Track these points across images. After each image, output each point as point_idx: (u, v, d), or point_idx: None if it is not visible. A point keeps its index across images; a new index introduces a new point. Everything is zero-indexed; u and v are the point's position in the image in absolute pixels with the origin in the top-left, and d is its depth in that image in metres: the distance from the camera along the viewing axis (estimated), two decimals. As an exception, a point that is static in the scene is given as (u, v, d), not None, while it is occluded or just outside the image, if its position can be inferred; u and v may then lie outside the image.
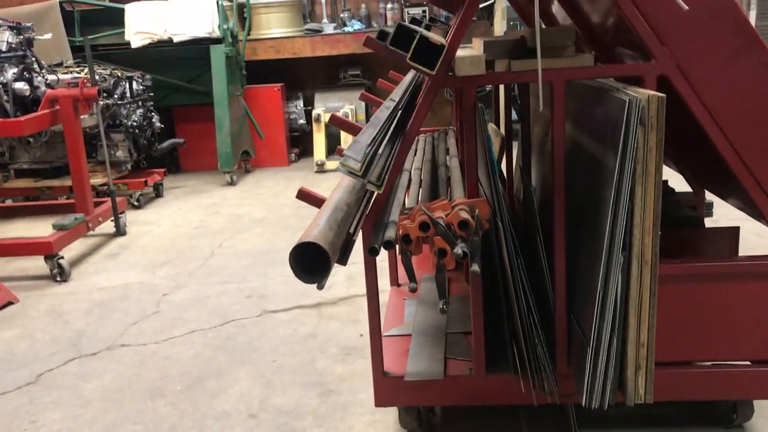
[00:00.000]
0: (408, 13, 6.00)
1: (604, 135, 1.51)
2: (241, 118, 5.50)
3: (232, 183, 5.24)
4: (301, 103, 6.04)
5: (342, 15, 6.08)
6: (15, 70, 3.51)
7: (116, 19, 5.21)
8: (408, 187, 2.00)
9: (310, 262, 1.12)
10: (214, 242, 3.78)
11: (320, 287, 1.19)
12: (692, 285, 1.58)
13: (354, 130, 1.73)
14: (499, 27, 5.90)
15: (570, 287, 1.63)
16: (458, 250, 1.35)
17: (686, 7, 1.33)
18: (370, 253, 1.42)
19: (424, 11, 5.88)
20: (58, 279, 3.28)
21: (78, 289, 3.20)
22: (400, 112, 1.47)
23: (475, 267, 1.39)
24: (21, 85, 3.45)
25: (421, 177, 2.06)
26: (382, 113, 1.65)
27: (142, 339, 2.59)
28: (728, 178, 1.62)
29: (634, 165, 1.39)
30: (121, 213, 4.02)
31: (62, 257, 3.32)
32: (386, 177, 1.23)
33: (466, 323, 1.87)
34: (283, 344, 2.44)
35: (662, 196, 2.28)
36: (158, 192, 4.99)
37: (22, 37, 3.63)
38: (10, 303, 3.02)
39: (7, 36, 3.53)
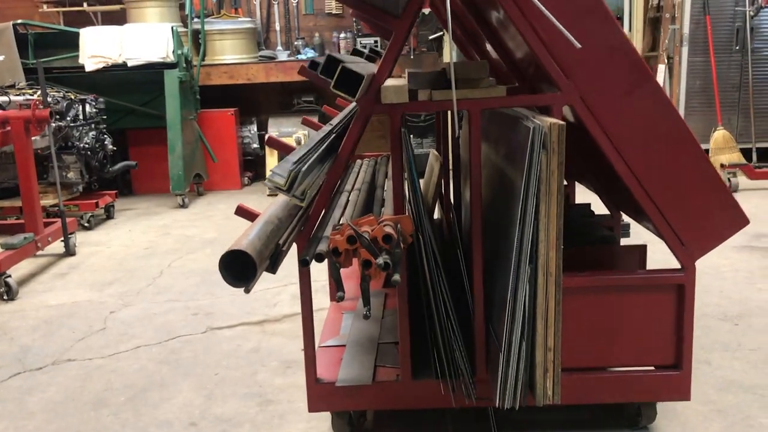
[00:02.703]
0: (360, 43, 6.20)
1: (515, 158, 1.67)
2: (194, 141, 5.58)
3: (183, 205, 5.31)
4: (255, 127, 6.16)
5: (296, 43, 6.24)
6: (-34, 90, 3.56)
7: (71, 42, 5.28)
8: (345, 206, 2.13)
9: (239, 269, 1.24)
10: (164, 262, 3.84)
11: (247, 291, 1.30)
12: (594, 296, 1.74)
13: (289, 150, 1.86)
14: (448, 59, 6.13)
15: (487, 297, 1.77)
16: (380, 261, 1.48)
17: (579, 45, 1.50)
18: (302, 265, 1.54)
19: (376, 41, 6.08)
20: (5, 297, 3.30)
21: (25, 306, 3.23)
22: (333, 135, 1.61)
23: (397, 276, 1.52)
24: (-28, 106, 3.50)
25: (358, 197, 2.19)
26: (316, 136, 1.79)
27: (88, 354, 2.64)
28: (637, 202, 1.79)
29: (538, 185, 1.54)
30: (71, 234, 4.06)
31: (9, 276, 3.35)
32: (311, 193, 1.36)
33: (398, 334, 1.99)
34: (227, 358, 2.53)
35: (581, 218, 2.47)
36: (109, 214, 5.03)
37: (-26, 58, 3.68)
38: (-45, 320, 3.04)
39: (-41, 57, 3.58)
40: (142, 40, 5.16)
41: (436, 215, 2.94)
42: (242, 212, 1.75)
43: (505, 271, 1.70)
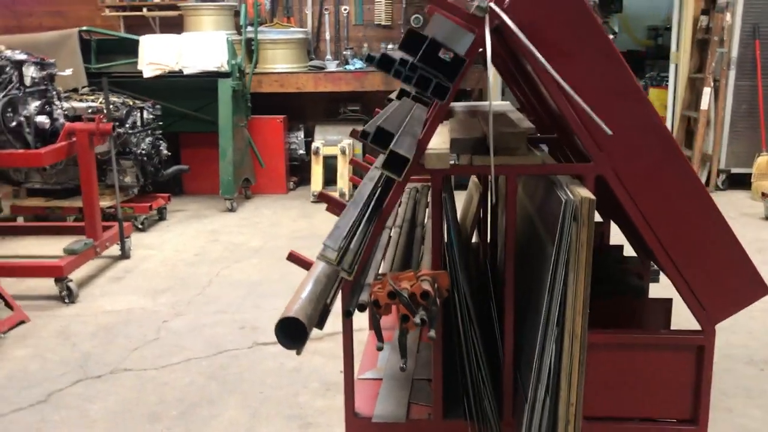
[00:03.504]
0: (407, 55, 6.30)
1: (547, 219, 1.79)
2: (244, 147, 5.78)
3: (232, 209, 5.52)
4: (302, 134, 6.33)
5: (345, 53, 6.38)
6: (37, 103, 3.79)
7: (130, 48, 5.52)
8: (387, 246, 2.28)
9: (292, 332, 1.39)
10: (212, 270, 4.05)
11: (298, 353, 1.45)
12: (618, 352, 1.85)
13: (338, 207, 2.01)
14: (492, 71, 6.20)
15: (517, 348, 1.90)
16: (417, 319, 1.62)
17: (610, 132, 1.61)
18: (346, 316, 1.69)
19: (423, 53, 6.17)
20: (66, 301, 3.54)
21: (84, 311, 3.46)
22: (376, 196, 1.75)
23: (432, 333, 1.66)
24: (42, 119, 3.73)
25: (399, 236, 2.33)
26: (365, 187, 1.93)
27: (143, 364, 2.85)
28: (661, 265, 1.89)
29: (567, 255, 1.66)
30: (127, 237, 4.29)
31: (71, 280, 3.59)
32: (356, 265, 1.50)
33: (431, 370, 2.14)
34: (270, 377, 2.71)
35: (612, 263, 2.57)
36: (162, 215, 5.27)
37: (45, 72, 3.91)
38: (22, 322, 3.28)
39: (32, 71, 3.81)
40: (198, 50, 5.37)
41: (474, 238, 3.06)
42: (294, 259, 1.91)
43: (534, 324, 1.82)
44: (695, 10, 6.01)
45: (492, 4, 1.64)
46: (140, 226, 4.93)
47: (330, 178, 6.02)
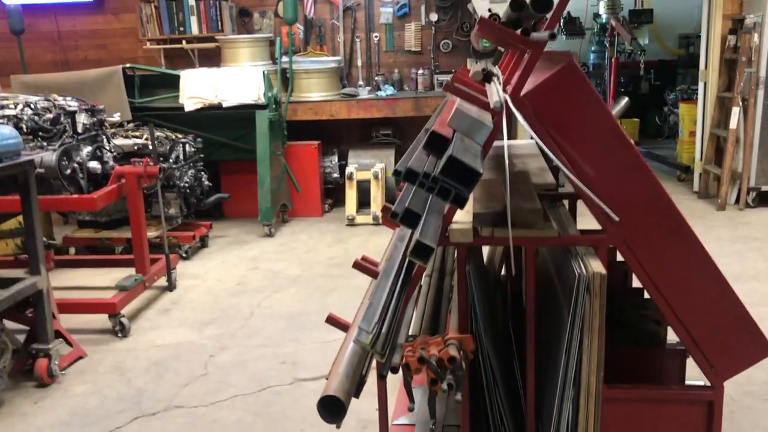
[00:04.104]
0: (437, 79, 6.48)
1: (565, 287, 1.95)
2: (281, 174, 6.01)
3: (270, 234, 5.74)
4: (336, 158, 6.54)
5: (377, 78, 6.57)
6: (89, 149, 4.05)
7: (171, 83, 5.78)
8: (417, 298, 2.45)
9: (332, 406, 1.58)
10: (253, 301, 4.26)
11: (338, 426, 1.63)
12: (632, 404, 2.00)
13: (372, 275, 2.19)
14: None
15: (539, 401, 2.06)
16: (445, 385, 1.80)
17: (616, 219, 1.76)
18: (380, 379, 1.87)
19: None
20: (120, 335, 3.79)
21: (136, 345, 3.70)
22: (403, 277, 1.92)
23: (459, 396, 1.83)
24: (94, 164, 3.99)
25: (429, 289, 2.51)
26: (396, 250, 2.11)
27: (193, 401, 3.07)
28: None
29: (582, 322, 1.82)
30: (173, 269, 4.53)
31: (123, 315, 3.83)
32: (389, 347, 1.68)
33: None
34: (311, 414, 2.90)
35: (631, 308, 2.70)
36: (204, 243, 5.52)
37: (95, 118, 4.17)
38: (80, 357, 3.53)
39: (84, 118, 4.07)
40: (236, 84, 5.60)
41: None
42: (333, 322, 2.09)
43: (553, 380, 1.98)
44: (723, 29, 6.07)
45: (508, 97, 1.80)
46: (184, 255, 5.18)
47: (364, 201, 6.21)
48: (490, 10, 6.49)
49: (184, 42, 6.51)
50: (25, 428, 2.91)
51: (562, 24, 9.68)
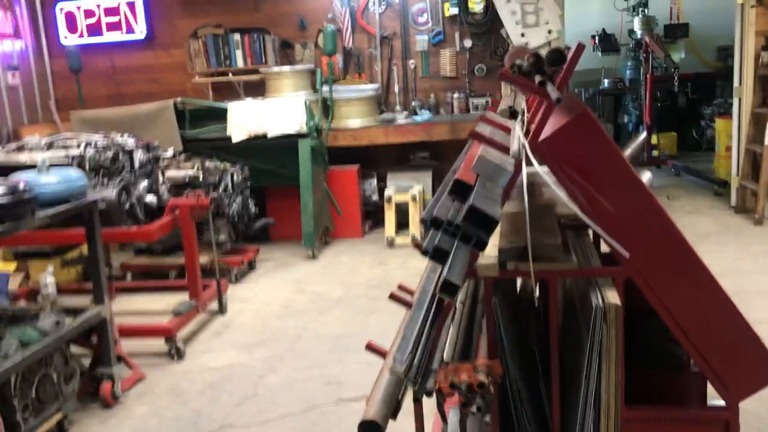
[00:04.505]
0: (472, 103, 6.67)
1: (585, 313, 2.11)
2: (323, 198, 6.25)
3: (313, 257, 5.98)
4: (374, 181, 6.77)
5: (413, 103, 6.79)
6: (145, 183, 4.34)
7: (219, 115, 6.08)
8: (451, 324, 2.63)
9: (371, 430, 1.77)
10: (300, 324, 4.49)
11: (376, 449, 1.83)
12: (652, 425, 2.14)
13: (406, 306, 2.39)
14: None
15: (564, 420, 2.22)
16: (474, 408, 1.98)
17: (627, 254, 1.92)
18: (415, 401, 2.06)
19: (487, 101, 6.53)
20: (175, 358, 4.04)
21: (191, 368, 3.95)
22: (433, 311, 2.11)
23: (487, 418, 2.00)
24: (151, 198, 4.28)
25: (462, 317, 2.69)
26: (429, 282, 2.30)
27: (245, 421, 3.29)
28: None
29: (600, 349, 1.98)
30: (224, 293, 4.80)
31: (179, 339, 4.09)
32: (421, 376, 1.86)
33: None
34: (355, 433, 3.09)
35: (654, 331, 2.84)
36: (252, 266, 5.78)
37: (150, 154, 4.47)
38: (140, 380, 3.79)
39: (140, 154, 4.37)
40: (279, 115, 5.88)
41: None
42: (372, 349, 2.29)
43: (577, 400, 2.14)
44: (756, 45, 6.12)
45: (527, 144, 1.99)
46: (234, 279, 5.45)
47: (402, 222, 6.40)
48: (523, 35, 6.68)
49: (230, 74, 6.84)
50: (94, 446, 3.17)
51: (597, 41, 9.80)
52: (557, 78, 2.28)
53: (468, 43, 6.78)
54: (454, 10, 6.70)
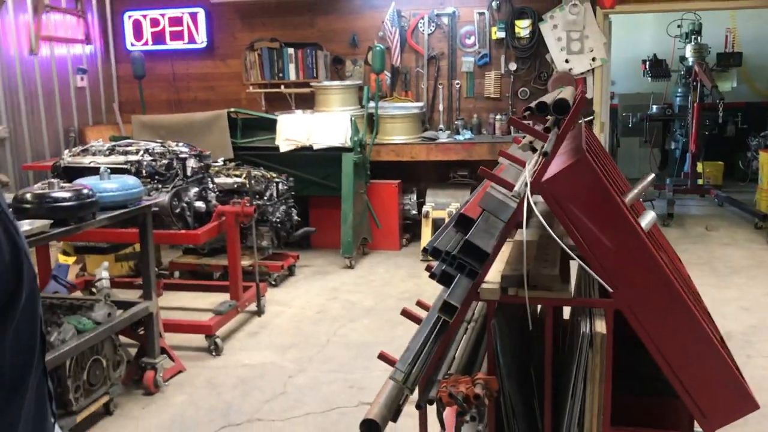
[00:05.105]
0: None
1: (576, 341, 2.32)
2: (363, 211, 6.53)
3: (350, 266, 6.25)
4: (414, 196, 7.01)
5: (456, 123, 7.01)
6: (196, 190, 4.68)
7: (269, 125, 6.42)
8: (460, 342, 2.85)
9: (372, 427, 2.01)
10: (331, 329, 4.76)
11: (375, 445, 2.07)
12: (634, 449, 2.33)
13: (417, 322, 2.62)
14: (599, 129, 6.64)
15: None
16: (468, 416, 2.20)
17: (611, 290, 2.12)
18: (417, 408, 2.29)
19: (527, 124, 6.70)
20: (214, 354, 4.36)
21: (227, 363, 4.26)
22: (440, 325, 2.34)
23: (480, 427, 2.23)
24: (200, 204, 4.61)
25: (471, 333, 2.91)
26: (439, 301, 2.53)
27: (272, 416, 3.57)
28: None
29: (585, 373, 2.18)
30: (262, 296, 5.10)
31: (218, 336, 4.41)
32: (417, 384, 2.10)
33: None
34: (371, 434, 3.33)
35: (649, 359, 3.00)
36: (291, 272, 6.09)
37: (202, 163, 4.81)
38: (180, 372, 4.11)
39: (192, 162, 4.71)
40: (326, 128, 6.18)
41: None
42: (383, 358, 2.54)
43: (565, 419, 2.34)
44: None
45: (529, 183, 2.20)
46: (273, 283, 5.76)
47: (440, 237, 6.61)
48: (567, 61, 6.83)
49: (282, 87, 7.18)
50: (134, 428, 3.49)
51: (647, 66, 9.85)
52: (565, 124, 2.50)
53: (513, 66, 6.98)
54: (501, 34, 6.91)
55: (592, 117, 6.78)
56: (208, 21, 7.55)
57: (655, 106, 10.31)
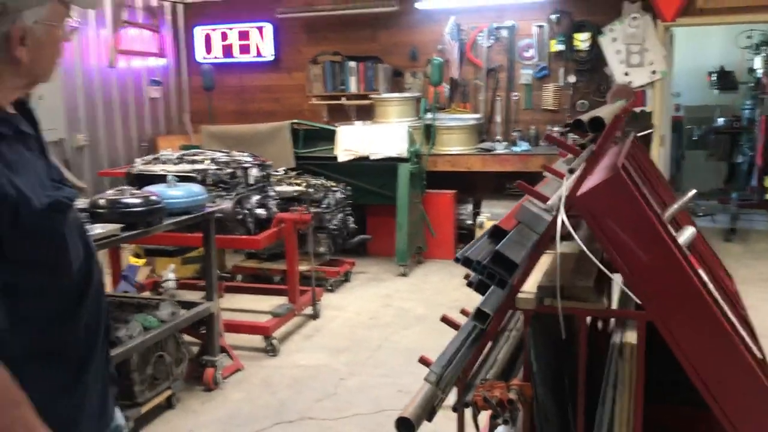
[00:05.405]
0: (571, 137, 6.87)
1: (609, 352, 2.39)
2: (418, 219, 6.66)
3: (404, 274, 6.39)
4: (470, 206, 7.10)
5: (513, 134, 7.08)
6: (257, 197, 4.91)
7: (329, 136, 6.64)
8: (499, 351, 2.95)
9: (407, 425, 2.15)
10: (382, 335, 4.91)
11: (409, 441, 2.20)
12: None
13: (456, 327, 2.74)
14: (656, 154, 6.60)
15: (587, 444, 2.50)
16: (500, 420, 2.31)
17: (638, 300, 2.19)
18: (453, 410, 2.42)
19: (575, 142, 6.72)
20: (271, 354, 4.57)
21: (283, 363, 4.46)
22: (476, 333, 2.45)
23: (513, 431, 2.33)
24: (261, 211, 4.84)
25: (511, 341, 3.01)
26: (465, 330, 2.64)
27: (323, 414, 3.74)
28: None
29: (615, 380, 2.26)
30: (318, 300, 5.30)
31: (275, 337, 4.62)
32: (450, 387, 2.21)
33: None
34: (415, 436, 3.46)
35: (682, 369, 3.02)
36: (347, 278, 6.27)
37: (264, 172, 5.04)
38: (238, 370, 4.33)
39: (255, 171, 4.95)
40: (383, 139, 6.36)
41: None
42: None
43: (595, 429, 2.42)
44: None
45: (564, 198, 2.30)
46: (329, 288, 5.95)
47: (494, 248, 6.68)
48: (626, 74, 6.82)
49: (343, 99, 7.41)
50: (194, 422, 3.72)
51: (715, 78, 9.68)
52: (600, 141, 2.59)
53: (572, 78, 7.01)
54: (560, 47, 6.96)
55: (651, 130, 6.74)
56: (275, 35, 7.85)
57: (721, 119, 10.10)
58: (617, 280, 2.23)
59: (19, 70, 1.42)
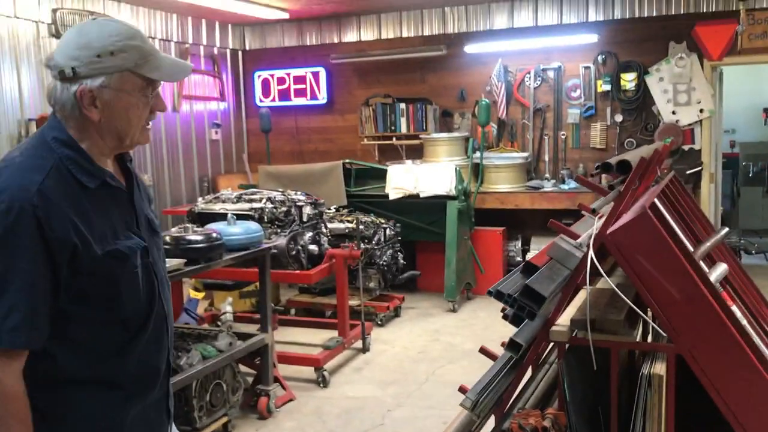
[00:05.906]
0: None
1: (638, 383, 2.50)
2: (467, 256, 6.80)
3: (453, 310, 6.52)
4: (519, 243, 7.21)
5: (562, 172, 7.19)
6: (310, 234, 5.16)
7: (380, 175, 6.87)
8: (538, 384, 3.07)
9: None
10: (430, 369, 5.04)
11: (447, 462, 2.34)
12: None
13: (493, 358, 2.88)
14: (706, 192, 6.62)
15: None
16: (534, 447, 2.43)
17: (664, 334, 2.30)
18: (490, 437, 2.54)
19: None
20: (321, 385, 4.75)
21: (333, 395, 4.63)
22: (513, 363, 2.59)
23: (546, 456, 2.44)
24: (314, 247, 5.07)
25: (548, 372, 3.12)
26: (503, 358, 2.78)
27: (370, 444, 3.89)
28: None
29: (644, 410, 2.37)
30: (368, 334, 5.47)
31: (326, 369, 4.80)
32: (485, 413, 2.35)
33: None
34: (458, 466, 3.57)
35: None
36: (397, 313, 6.44)
37: (317, 210, 5.29)
38: (290, 400, 4.53)
39: (308, 209, 5.20)
40: (432, 177, 6.56)
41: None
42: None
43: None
44: None
45: (592, 238, 2.44)
46: (379, 323, 6.12)
47: (543, 284, 6.75)
48: (674, 112, 6.87)
49: (394, 139, 7.66)
50: (249, 448, 3.92)
51: (769, 114, 9.58)
52: (627, 182, 2.73)
53: (619, 117, 7.10)
54: (607, 87, 7.07)
55: (700, 168, 6.77)
56: (328, 79, 8.20)
57: (778, 156, 9.97)
58: (644, 315, 2.34)
59: (99, 129, 1.58)
